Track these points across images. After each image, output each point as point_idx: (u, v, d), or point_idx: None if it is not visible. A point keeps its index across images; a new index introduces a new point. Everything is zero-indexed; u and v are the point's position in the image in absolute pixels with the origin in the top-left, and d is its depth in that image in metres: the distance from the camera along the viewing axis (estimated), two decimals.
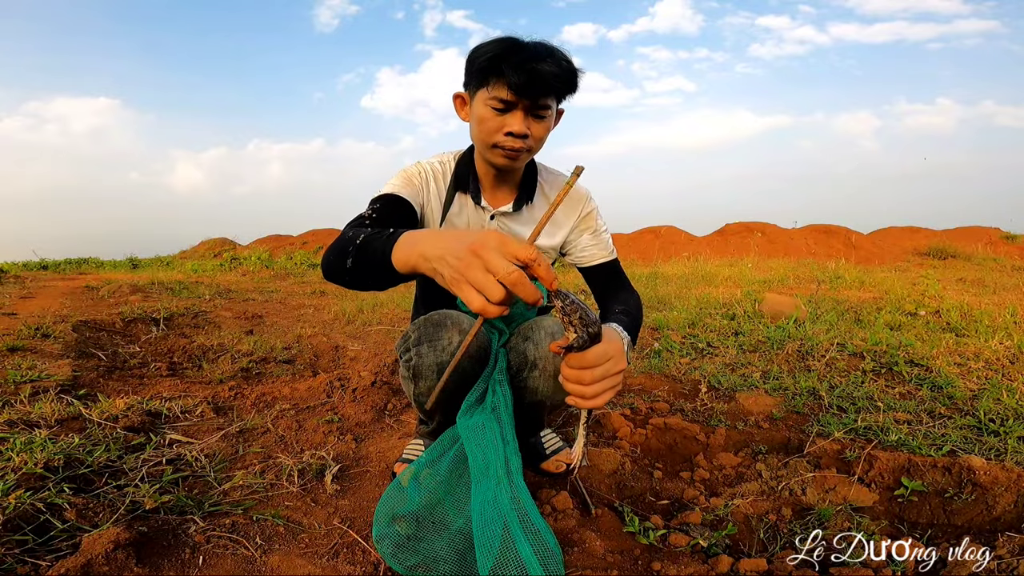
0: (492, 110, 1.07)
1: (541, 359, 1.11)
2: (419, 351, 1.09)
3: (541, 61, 1.02)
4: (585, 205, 1.32)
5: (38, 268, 9.13)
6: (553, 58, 1.04)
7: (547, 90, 1.05)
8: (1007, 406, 1.71)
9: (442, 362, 1.07)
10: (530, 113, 1.08)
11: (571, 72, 1.07)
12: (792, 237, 11.03)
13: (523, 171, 1.25)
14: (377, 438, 1.56)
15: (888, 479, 1.28)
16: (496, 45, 1.05)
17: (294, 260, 9.45)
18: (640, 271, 6.74)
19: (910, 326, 2.98)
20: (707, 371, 2.24)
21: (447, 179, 1.25)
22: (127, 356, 2.49)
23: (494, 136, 1.10)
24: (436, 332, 1.09)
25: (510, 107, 1.07)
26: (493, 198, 1.26)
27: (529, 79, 1.02)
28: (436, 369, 1.08)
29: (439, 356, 1.07)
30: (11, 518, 0.94)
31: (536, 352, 1.11)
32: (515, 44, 1.04)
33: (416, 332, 1.12)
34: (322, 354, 2.63)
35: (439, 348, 1.07)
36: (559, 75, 1.04)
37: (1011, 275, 6.15)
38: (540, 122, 1.10)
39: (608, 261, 1.33)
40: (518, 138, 1.09)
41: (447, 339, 1.08)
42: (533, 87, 1.03)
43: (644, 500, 1.28)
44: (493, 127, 1.09)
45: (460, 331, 1.09)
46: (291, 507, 1.16)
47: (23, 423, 1.42)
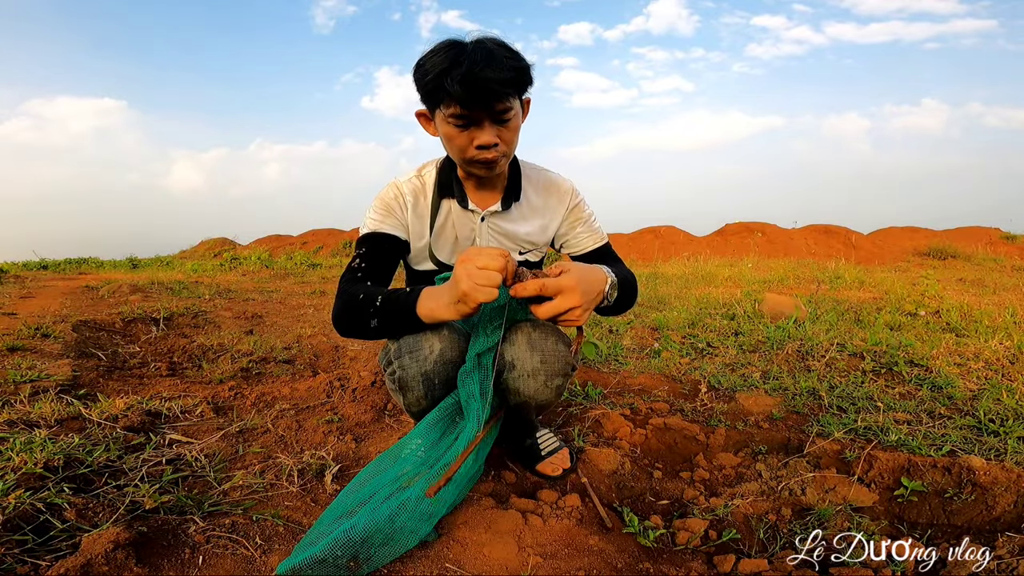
0: (455, 127, 1.06)
1: (518, 359, 1.11)
2: (402, 363, 1.11)
3: (484, 68, 0.98)
4: (572, 198, 1.34)
5: (38, 268, 9.12)
6: (495, 62, 0.99)
7: (497, 97, 1.01)
8: (1007, 406, 1.71)
9: (425, 371, 1.09)
10: (494, 121, 1.06)
11: (517, 70, 1.03)
12: (792, 237, 11.03)
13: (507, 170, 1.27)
14: (377, 438, 1.56)
15: (888, 479, 1.28)
16: (436, 60, 1.01)
17: (294, 260, 9.46)
18: (640, 271, 6.74)
19: (910, 326, 2.98)
20: (707, 371, 2.24)
21: (430, 191, 1.26)
22: (127, 356, 2.49)
23: (467, 152, 1.09)
24: (416, 342, 1.10)
25: (471, 121, 1.05)
26: (480, 200, 1.27)
27: (476, 92, 0.99)
28: (421, 379, 1.09)
29: (422, 366, 1.09)
30: (11, 518, 0.94)
31: (513, 352, 1.12)
32: (454, 56, 0.99)
33: (397, 343, 1.13)
34: (322, 354, 2.63)
35: (420, 358, 1.09)
36: (505, 80, 1.00)
37: (1011, 275, 6.15)
38: (506, 126, 1.08)
39: (602, 245, 1.37)
40: (490, 149, 1.08)
41: (428, 348, 1.09)
42: (482, 98, 1.00)
43: (644, 500, 1.28)
44: (462, 143, 1.08)
45: (440, 338, 1.10)
46: (291, 507, 1.16)
47: (23, 423, 1.42)
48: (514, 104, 1.06)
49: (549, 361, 1.11)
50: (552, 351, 1.12)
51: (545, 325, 1.16)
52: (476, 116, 1.04)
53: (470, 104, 1.01)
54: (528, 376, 1.11)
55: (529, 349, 1.11)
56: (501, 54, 1.01)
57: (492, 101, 1.02)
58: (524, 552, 1.00)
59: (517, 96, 1.07)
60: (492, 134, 1.06)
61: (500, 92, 1.01)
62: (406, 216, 1.24)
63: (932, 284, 3.87)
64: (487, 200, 1.27)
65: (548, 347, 1.12)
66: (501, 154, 1.10)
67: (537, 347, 1.11)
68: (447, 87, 1.00)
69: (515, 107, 1.07)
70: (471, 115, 1.04)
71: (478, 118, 1.04)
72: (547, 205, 1.33)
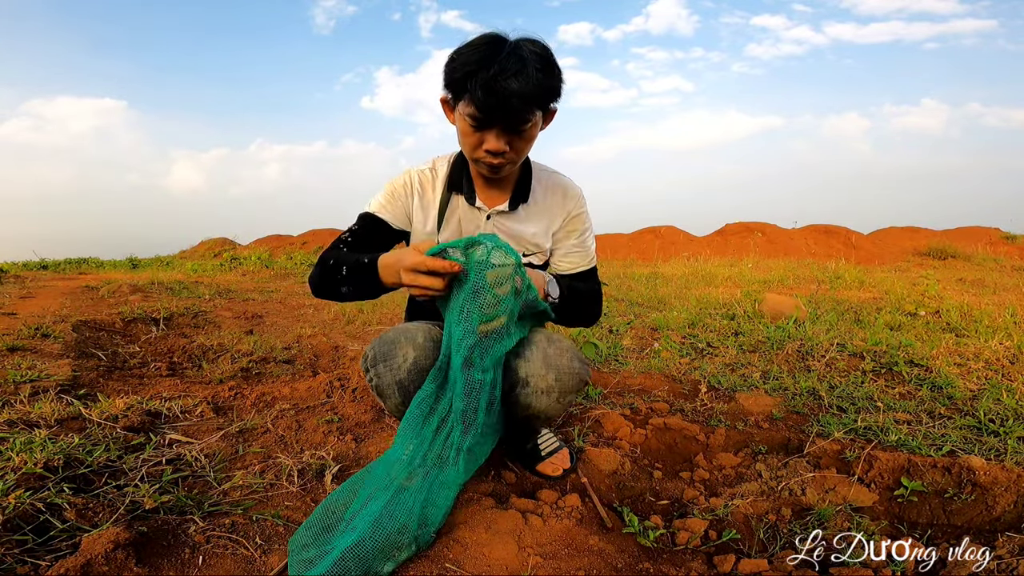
0: (469, 125, 1.05)
1: (533, 376, 1.12)
2: (377, 372, 1.12)
3: (510, 78, 0.95)
4: (576, 206, 1.32)
5: (38, 268, 9.12)
6: (523, 75, 0.96)
7: (516, 110, 0.99)
8: (1007, 406, 1.71)
9: (399, 380, 1.10)
10: (508, 130, 1.04)
11: (544, 88, 1.00)
12: (792, 237, 11.03)
13: (518, 170, 1.26)
14: (377, 438, 1.56)
15: (888, 479, 1.28)
16: (470, 56, 0.99)
17: (294, 260, 9.45)
18: (640, 271, 6.74)
19: (910, 326, 2.98)
20: (707, 371, 2.24)
21: (440, 185, 1.26)
22: (127, 356, 2.49)
23: (474, 152, 1.09)
24: (390, 350, 1.11)
25: (485, 125, 1.03)
26: (488, 198, 1.27)
27: (496, 102, 0.97)
28: (396, 387, 1.11)
29: (396, 375, 1.10)
30: (11, 518, 0.94)
31: (527, 368, 1.12)
32: (487, 58, 0.97)
33: (373, 351, 1.15)
34: (322, 354, 2.63)
35: (394, 367, 1.10)
36: (527, 95, 0.97)
37: (1011, 275, 6.15)
38: (520, 136, 1.06)
39: (586, 270, 1.36)
40: (497, 155, 1.07)
41: (401, 356, 1.10)
42: (500, 109, 0.98)
43: (644, 500, 1.28)
44: (472, 142, 1.08)
45: (414, 346, 1.11)
46: (291, 507, 1.16)
47: (23, 423, 1.42)
48: (534, 116, 1.04)
49: (563, 379, 1.12)
50: (567, 369, 1.12)
51: (560, 341, 1.16)
52: (491, 121, 1.02)
53: (487, 111, 1.00)
54: (542, 393, 1.11)
55: (544, 367, 1.11)
56: (533, 66, 0.98)
57: (510, 113, 1.00)
58: (524, 552, 1.00)
59: (539, 109, 1.05)
60: (503, 142, 1.05)
61: (520, 107, 0.99)
62: (410, 204, 1.25)
63: (932, 284, 3.87)
64: (495, 199, 1.26)
65: (563, 365, 1.12)
66: (508, 161, 1.10)
67: (552, 365, 1.11)
68: (469, 88, 0.98)
69: (534, 119, 1.05)
70: (486, 119, 1.02)
71: (492, 124, 1.03)
72: (552, 205, 1.31)
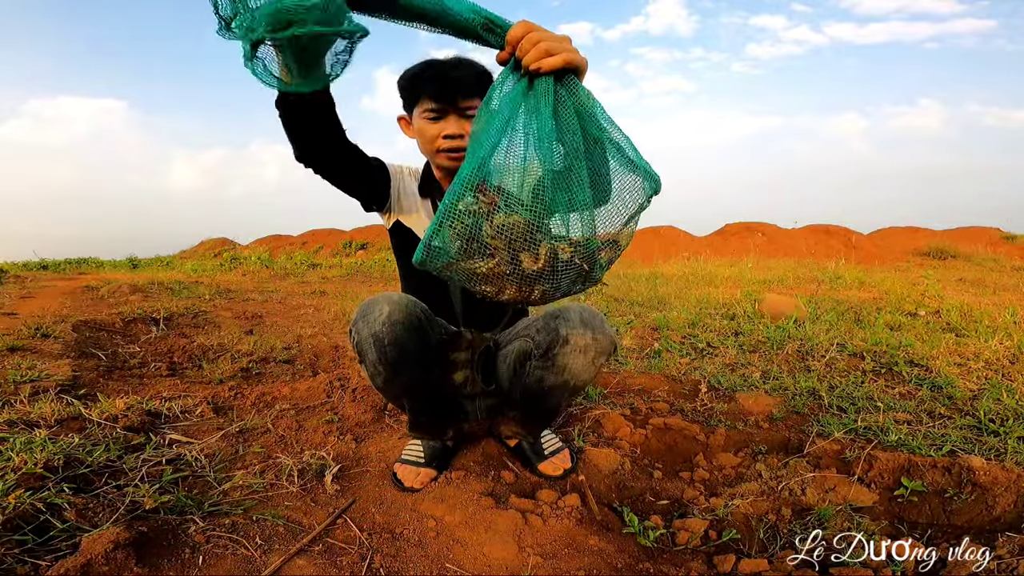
0: (428, 121, 1.23)
1: (572, 335, 1.14)
2: (356, 328, 1.18)
3: (452, 70, 1.19)
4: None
5: (38, 268, 9.12)
6: (462, 66, 1.21)
7: (463, 91, 1.19)
8: (1007, 406, 1.71)
9: (375, 332, 1.15)
10: (461, 116, 1.21)
11: (481, 73, 1.21)
12: (792, 237, 11.04)
13: None
14: (377, 438, 1.56)
15: (888, 479, 1.28)
16: (414, 68, 1.22)
17: (294, 260, 9.46)
18: (640, 271, 6.74)
19: (910, 326, 2.98)
20: (707, 371, 2.24)
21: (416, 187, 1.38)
22: (127, 356, 2.49)
23: (435, 142, 1.23)
24: (369, 308, 1.19)
25: (441, 113, 1.21)
26: None
27: (444, 86, 1.19)
28: (372, 340, 1.15)
29: (371, 327, 1.16)
30: (11, 518, 0.94)
31: (568, 328, 1.15)
32: (429, 63, 1.21)
33: (355, 315, 1.21)
34: (322, 354, 2.63)
35: (371, 320, 1.16)
36: (468, 77, 1.19)
37: (1011, 275, 6.15)
38: (470, 120, 1.17)
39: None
40: (455, 138, 1.21)
41: (378, 311, 1.16)
42: (449, 91, 1.19)
43: (644, 500, 1.28)
44: (432, 134, 1.23)
45: (389, 302, 1.17)
46: (291, 507, 1.16)
47: (23, 423, 1.42)
48: (478, 102, 1.18)
49: (600, 339, 1.16)
50: (601, 329, 1.17)
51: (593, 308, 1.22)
52: (445, 109, 1.21)
53: (439, 97, 1.19)
54: (580, 352, 1.14)
55: (583, 326, 1.16)
56: (467, 62, 1.22)
57: (457, 95, 1.19)
58: (524, 552, 1.00)
59: (480, 97, 1.20)
60: (459, 126, 1.21)
61: (464, 87, 1.19)
62: (401, 185, 1.36)
63: (932, 284, 3.87)
64: None
65: (598, 325, 1.17)
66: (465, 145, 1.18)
67: (589, 324, 1.16)
68: (421, 84, 1.20)
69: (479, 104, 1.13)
70: (442, 108, 1.20)
71: (447, 111, 1.21)
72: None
